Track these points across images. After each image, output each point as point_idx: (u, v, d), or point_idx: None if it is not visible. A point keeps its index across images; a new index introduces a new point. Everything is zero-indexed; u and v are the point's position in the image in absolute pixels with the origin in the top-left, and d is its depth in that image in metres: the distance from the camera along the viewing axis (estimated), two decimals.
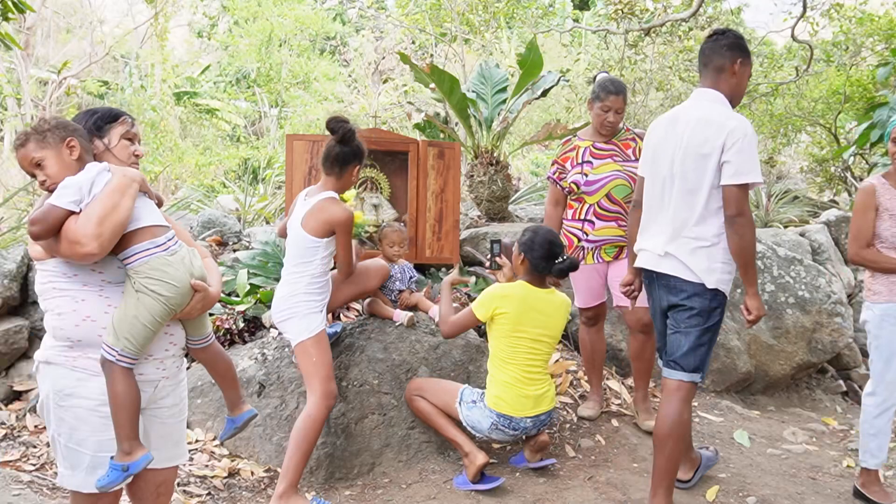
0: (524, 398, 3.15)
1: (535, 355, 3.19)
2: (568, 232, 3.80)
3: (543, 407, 3.22)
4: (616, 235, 3.70)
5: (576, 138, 3.86)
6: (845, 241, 5.69)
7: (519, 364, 3.16)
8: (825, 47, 9.47)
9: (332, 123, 3.07)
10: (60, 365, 1.94)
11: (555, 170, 3.84)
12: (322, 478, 3.33)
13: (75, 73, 11.87)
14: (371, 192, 4.58)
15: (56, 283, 1.94)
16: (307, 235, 3.05)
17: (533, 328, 3.16)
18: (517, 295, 3.16)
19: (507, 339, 3.16)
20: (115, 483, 1.89)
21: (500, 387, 3.17)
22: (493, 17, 9.82)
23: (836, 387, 4.93)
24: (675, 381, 2.79)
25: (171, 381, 2.11)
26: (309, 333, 3.04)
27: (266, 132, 14.19)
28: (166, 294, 1.95)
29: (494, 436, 3.24)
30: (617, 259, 3.74)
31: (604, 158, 3.72)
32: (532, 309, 3.15)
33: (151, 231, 1.97)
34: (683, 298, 2.74)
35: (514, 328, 3.14)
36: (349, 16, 19.66)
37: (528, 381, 3.17)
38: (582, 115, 11.25)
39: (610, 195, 3.68)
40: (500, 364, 3.19)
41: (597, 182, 3.67)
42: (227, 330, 3.81)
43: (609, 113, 3.66)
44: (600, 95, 3.66)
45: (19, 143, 1.94)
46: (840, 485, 3.41)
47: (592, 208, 3.71)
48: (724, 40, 2.79)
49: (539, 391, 3.19)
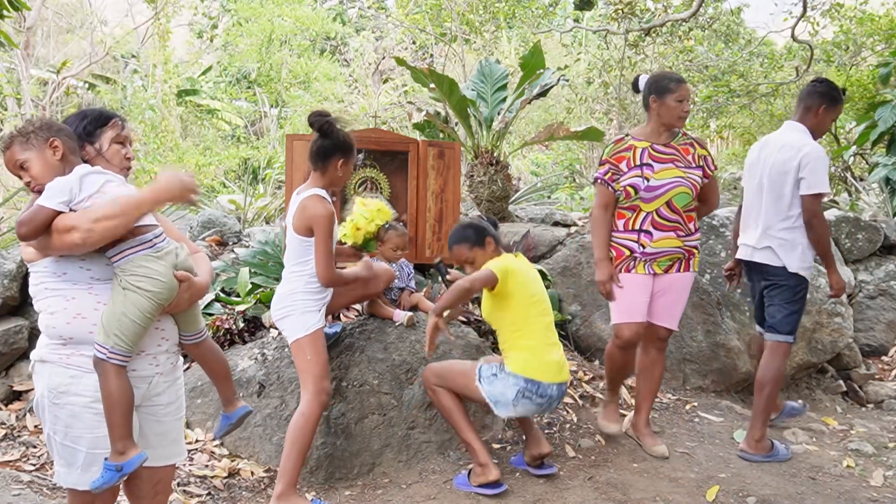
0: (550, 363, 3.06)
1: (545, 314, 3.14)
2: (618, 244, 3.42)
3: (565, 375, 3.12)
4: (674, 247, 3.39)
5: (629, 137, 3.46)
6: (845, 241, 5.69)
7: (538, 329, 3.08)
8: (825, 47, 9.48)
9: (311, 117, 3.04)
10: (54, 363, 1.95)
11: (606, 170, 3.41)
12: (322, 478, 3.33)
13: (75, 73, 11.87)
14: (371, 192, 4.58)
15: (47, 283, 1.95)
16: (295, 234, 3.05)
17: (533, 286, 3.12)
18: (516, 262, 3.14)
19: (524, 305, 3.07)
20: (108, 483, 1.90)
21: (523, 352, 3.06)
22: (494, 17, 9.83)
23: (836, 387, 4.93)
24: (775, 342, 3.58)
25: (166, 378, 2.11)
26: (305, 331, 3.04)
27: (266, 132, 14.19)
28: (152, 289, 1.95)
29: (520, 408, 3.05)
30: (667, 272, 3.43)
31: (665, 163, 3.37)
32: (524, 272, 3.13)
33: (139, 230, 1.97)
34: (774, 280, 3.54)
35: (529, 291, 3.08)
36: (349, 16, 19.67)
37: (551, 347, 3.10)
38: (582, 115, 11.26)
39: (671, 203, 3.35)
40: (518, 331, 3.08)
41: (658, 188, 3.33)
42: (227, 330, 3.81)
43: (684, 103, 3.35)
44: (670, 86, 3.34)
45: (4, 147, 1.96)
46: (840, 485, 3.40)
47: (650, 217, 3.36)
48: (819, 87, 3.56)
49: (559, 356, 3.12)
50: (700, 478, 3.38)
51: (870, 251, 5.73)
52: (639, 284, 3.41)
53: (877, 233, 5.73)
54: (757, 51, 9.99)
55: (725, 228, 5.00)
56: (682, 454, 3.65)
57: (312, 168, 3.11)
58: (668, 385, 4.51)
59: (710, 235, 4.95)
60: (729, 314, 4.69)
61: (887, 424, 4.32)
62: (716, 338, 4.58)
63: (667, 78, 3.44)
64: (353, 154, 3.12)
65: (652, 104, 3.39)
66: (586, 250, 4.86)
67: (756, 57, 9.92)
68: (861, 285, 5.55)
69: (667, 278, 3.43)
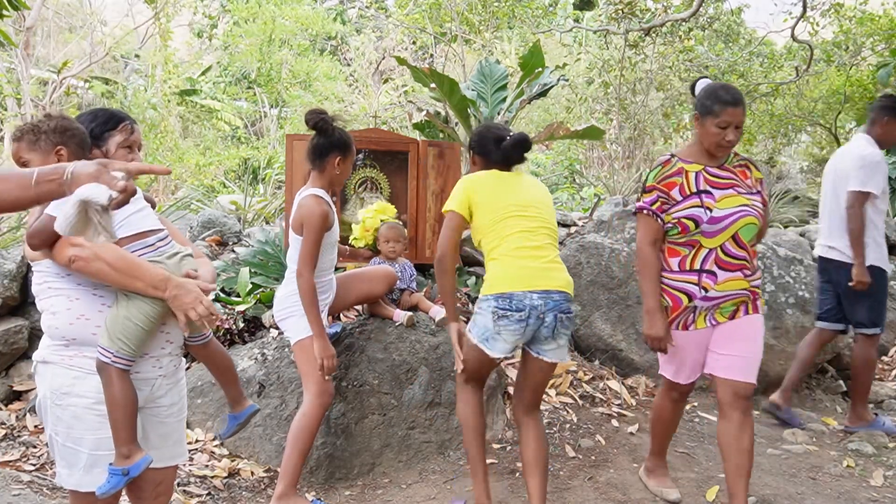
0: (521, 269, 2.66)
1: (532, 223, 2.74)
2: (673, 288, 2.82)
3: (551, 282, 2.66)
4: (740, 289, 2.78)
5: (676, 159, 2.85)
6: None
7: (512, 236, 2.70)
8: (825, 47, 9.48)
9: (307, 115, 3.04)
10: (56, 364, 1.95)
11: (654, 198, 2.80)
12: (322, 478, 3.33)
13: (75, 73, 11.87)
14: (371, 192, 4.58)
15: (51, 283, 1.95)
16: (293, 234, 3.06)
17: (516, 196, 2.77)
18: (487, 176, 2.83)
19: (494, 225, 2.73)
20: (115, 488, 1.90)
21: (493, 268, 2.72)
22: (493, 17, 9.83)
23: (836, 387, 4.93)
24: (862, 335, 3.95)
25: (168, 380, 2.11)
26: (307, 332, 3.04)
27: (266, 132, 14.19)
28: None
29: (506, 333, 2.64)
30: (732, 318, 2.82)
31: (724, 188, 2.77)
32: (507, 183, 2.81)
33: (142, 235, 1.98)
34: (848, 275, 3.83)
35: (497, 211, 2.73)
36: (349, 16, 19.67)
37: (529, 254, 2.68)
38: (582, 114, 11.26)
39: (737, 237, 2.74)
40: (492, 249, 2.74)
41: (723, 220, 2.72)
42: (227, 330, 3.81)
43: (728, 130, 2.73)
44: (714, 109, 2.74)
45: (16, 137, 1.96)
46: (840, 485, 3.40)
47: (713, 255, 2.75)
48: (884, 102, 3.96)
49: (543, 263, 2.69)
50: (700, 478, 3.38)
51: None
52: (698, 343, 2.86)
53: None
54: (757, 51, 9.99)
55: None
56: (682, 454, 3.65)
57: (311, 167, 3.11)
58: None
59: None
60: None
61: None
62: None
63: (714, 96, 2.78)
64: (350, 152, 3.10)
65: (694, 121, 2.87)
66: (586, 250, 4.86)
67: (756, 57, 9.93)
68: None
69: (731, 325, 2.83)
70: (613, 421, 3.95)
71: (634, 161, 10.17)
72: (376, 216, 3.92)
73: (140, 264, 1.92)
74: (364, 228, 3.93)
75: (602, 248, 4.87)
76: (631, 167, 9.98)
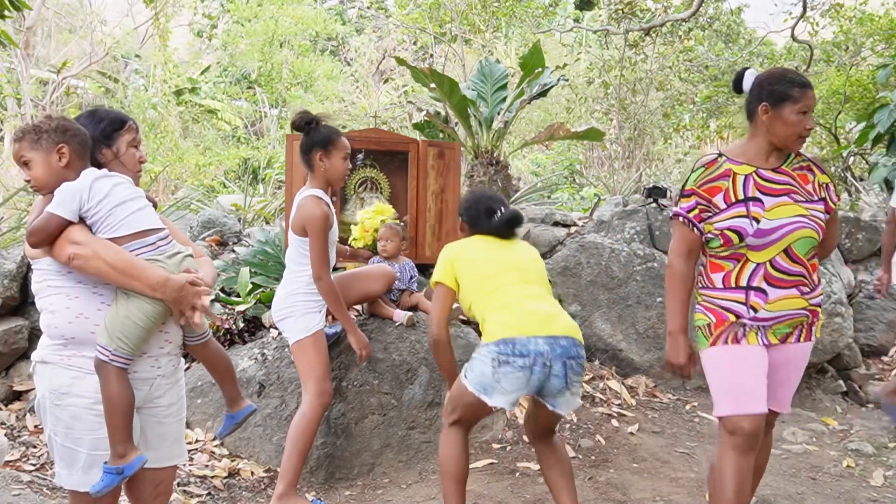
0: (526, 313, 2.45)
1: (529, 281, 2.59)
2: (717, 306, 2.42)
3: (558, 328, 2.44)
4: (796, 309, 2.40)
5: (724, 159, 2.44)
6: (845, 241, 5.68)
7: (510, 288, 2.54)
8: (825, 47, 9.48)
9: (292, 120, 3.10)
10: (55, 364, 1.95)
11: (692, 205, 2.42)
12: (322, 478, 3.33)
13: (75, 73, 11.87)
14: (371, 192, 4.58)
15: (50, 281, 1.95)
16: (293, 235, 3.06)
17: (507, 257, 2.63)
18: (469, 243, 2.70)
19: (484, 282, 2.57)
20: (109, 487, 1.90)
21: (493, 314, 2.50)
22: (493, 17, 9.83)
23: (836, 387, 4.93)
24: None
25: (167, 380, 2.11)
26: (306, 332, 3.05)
27: (266, 132, 14.19)
28: None
29: (506, 382, 2.41)
30: (784, 342, 2.44)
31: (778, 195, 2.39)
32: (492, 248, 2.65)
33: (143, 233, 1.98)
34: None
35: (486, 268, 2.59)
36: (349, 16, 19.67)
37: (528, 299, 2.50)
38: (582, 115, 11.26)
39: (790, 251, 2.37)
40: (486, 300, 2.55)
41: (773, 231, 2.35)
42: (227, 330, 3.81)
43: (807, 117, 2.37)
44: (792, 93, 2.35)
45: (17, 137, 1.96)
46: (840, 485, 3.41)
47: (762, 270, 2.37)
48: None
49: (548, 309, 2.50)
50: (700, 478, 3.38)
51: (870, 251, 5.73)
52: (753, 360, 2.40)
53: (877, 233, 5.73)
54: (757, 51, 10.00)
55: None
56: (682, 454, 3.65)
57: (305, 169, 3.15)
58: (668, 385, 4.52)
59: None
60: None
61: (887, 424, 4.32)
62: None
63: (787, 80, 2.39)
64: (333, 146, 3.06)
65: (761, 114, 2.39)
66: (586, 250, 4.86)
67: (756, 57, 9.93)
68: (861, 285, 5.55)
69: (782, 350, 2.45)
70: (613, 421, 3.95)
71: (634, 161, 10.17)
72: (375, 217, 3.93)
73: (139, 264, 1.92)
74: (363, 229, 3.94)
75: (602, 248, 4.87)
76: (631, 167, 9.99)
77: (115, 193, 1.96)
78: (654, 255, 4.84)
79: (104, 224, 1.94)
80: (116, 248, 1.91)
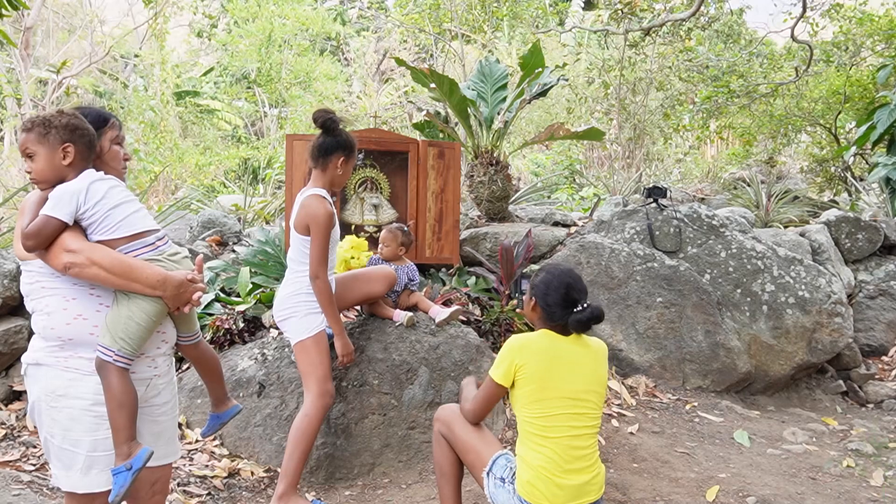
0: (560, 487, 2.42)
1: (580, 422, 2.46)
2: None
3: (586, 497, 2.47)
4: None
5: None
6: (845, 241, 5.69)
7: (558, 441, 2.43)
8: (825, 47, 9.48)
9: (316, 114, 3.07)
10: (51, 366, 1.93)
11: None
12: (322, 478, 3.33)
13: (75, 73, 11.87)
14: (371, 192, 4.58)
15: (44, 282, 1.94)
16: (296, 234, 3.06)
17: (568, 384, 2.45)
18: (539, 345, 2.48)
19: (537, 403, 2.44)
20: (125, 487, 1.87)
21: (530, 472, 2.45)
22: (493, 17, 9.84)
23: (836, 387, 4.93)
24: None
25: (162, 380, 2.11)
26: (308, 333, 3.05)
27: (266, 132, 14.19)
28: None
29: None
30: None
31: None
32: (560, 360, 2.47)
33: (141, 234, 1.99)
34: None
35: (542, 386, 2.43)
36: (349, 16, 19.67)
37: (568, 467, 2.44)
38: (582, 115, 11.26)
39: None
40: (532, 443, 2.46)
41: None
42: (227, 330, 3.81)
43: None
44: None
45: (26, 127, 1.95)
46: (840, 485, 3.40)
47: None
48: None
49: (582, 479, 2.44)
50: (700, 478, 3.38)
51: (870, 251, 5.74)
52: None
53: (877, 233, 5.73)
54: (757, 51, 10.00)
55: (726, 228, 5.00)
56: (682, 454, 3.65)
57: (313, 166, 3.11)
58: (668, 385, 4.52)
59: (709, 235, 4.96)
60: (729, 314, 4.69)
61: (887, 424, 4.32)
62: (716, 338, 4.59)
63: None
64: (354, 154, 3.13)
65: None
66: (586, 250, 4.86)
67: (756, 57, 9.93)
68: (861, 285, 5.55)
69: None
70: (613, 421, 3.95)
71: (634, 161, 10.18)
72: (349, 250, 3.89)
73: (136, 266, 1.92)
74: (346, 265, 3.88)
75: (602, 248, 4.87)
76: (631, 167, 9.99)
77: (111, 196, 1.96)
78: (654, 255, 4.84)
79: (101, 226, 1.93)
80: (111, 252, 1.90)
